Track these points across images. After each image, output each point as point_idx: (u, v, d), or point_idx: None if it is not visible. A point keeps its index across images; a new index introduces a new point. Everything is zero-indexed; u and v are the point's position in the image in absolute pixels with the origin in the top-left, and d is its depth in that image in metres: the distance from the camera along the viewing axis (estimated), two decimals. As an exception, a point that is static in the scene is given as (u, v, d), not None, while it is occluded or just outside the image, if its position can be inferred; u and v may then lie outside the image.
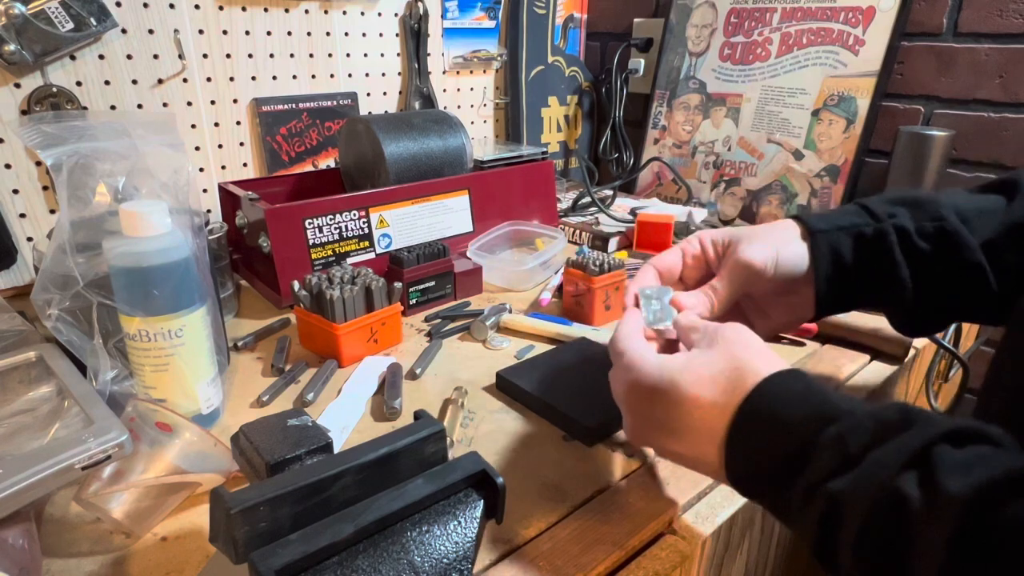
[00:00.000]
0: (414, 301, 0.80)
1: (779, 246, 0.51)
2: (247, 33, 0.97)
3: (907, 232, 0.50)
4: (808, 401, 0.37)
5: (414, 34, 1.14)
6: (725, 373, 0.40)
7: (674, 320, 0.48)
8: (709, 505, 0.49)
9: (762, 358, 0.40)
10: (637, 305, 0.50)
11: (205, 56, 0.94)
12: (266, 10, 0.98)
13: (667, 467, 0.52)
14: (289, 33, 1.01)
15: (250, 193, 0.82)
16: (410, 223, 0.88)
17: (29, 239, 0.84)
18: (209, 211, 0.93)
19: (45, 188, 0.85)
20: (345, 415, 0.58)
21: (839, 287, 0.52)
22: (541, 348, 0.71)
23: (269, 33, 0.99)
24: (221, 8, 0.93)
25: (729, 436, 0.38)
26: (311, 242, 0.80)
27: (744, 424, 0.38)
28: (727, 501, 0.49)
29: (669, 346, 0.49)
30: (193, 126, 0.95)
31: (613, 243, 1.02)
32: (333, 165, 1.10)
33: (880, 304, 0.55)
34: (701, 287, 0.53)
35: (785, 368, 0.39)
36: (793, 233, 0.52)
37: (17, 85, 0.80)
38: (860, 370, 0.68)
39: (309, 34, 1.03)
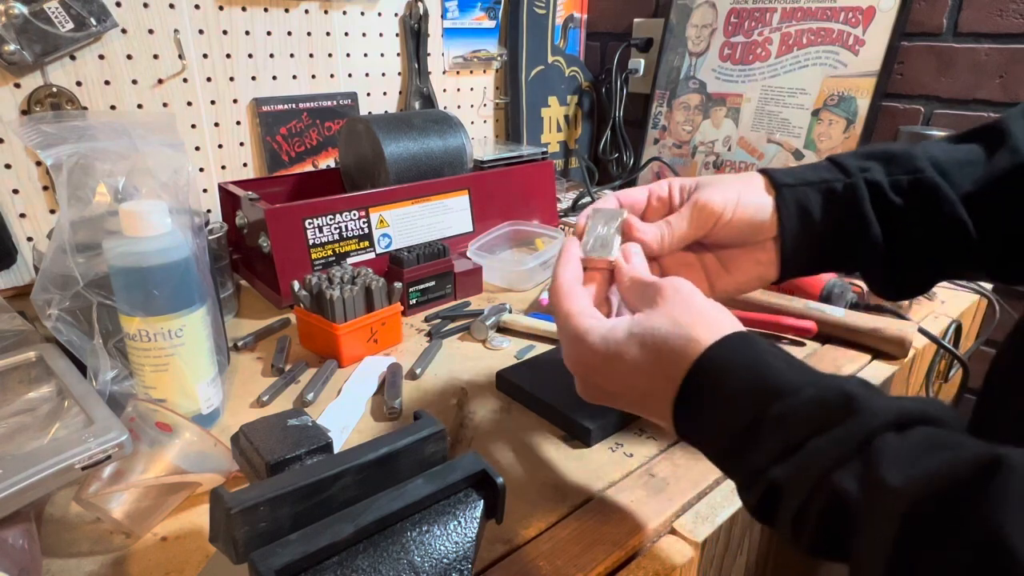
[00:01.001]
0: (414, 301, 0.80)
1: (741, 192, 0.49)
2: (247, 33, 0.97)
3: (880, 187, 0.47)
4: (753, 371, 0.36)
5: (414, 34, 1.14)
6: (668, 341, 0.38)
7: (617, 268, 0.45)
8: (709, 505, 0.49)
9: (704, 321, 0.38)
10: (582, 233, 0.48)
11: (205, 56, 0.94)
12: (266, 10, 0.98)
13: (667, 467, 0.52)
14: (289, 33, 1.01)
15: (250, 193, 0.82)
16: (410, 223, 0.88)
17: (29, 239, 0.84)
18: (209, 211, 0.93)
19: (45, 188, 0.85)
20: (345, 415, 0.58)
21: (807, 245, 0.49)
22: (541, 348, 0.71)
23: (269, 33, 0.99)
24: (221, 8, 0.93)
25: (676, 410, 0.38)
26: (311, 242, 0.80)
27: (690, 398, 0.37)
28: (727, 501, 0.49)
29: (608, 278, 0.46)
30: (193, 126, 0.95)
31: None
32: (333, 165, 1.10)
33: (853, 265, 0.51)
34: (657, 221, 0.51)
35: (728, 333, 0.38)
36: (758, 184, 0.50)
37: (17, 85, 0.80)
38: (860, 370, 0.68)
39: (309, 34, 1.03)
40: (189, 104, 0.94)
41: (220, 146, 0.99)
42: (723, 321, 0.39)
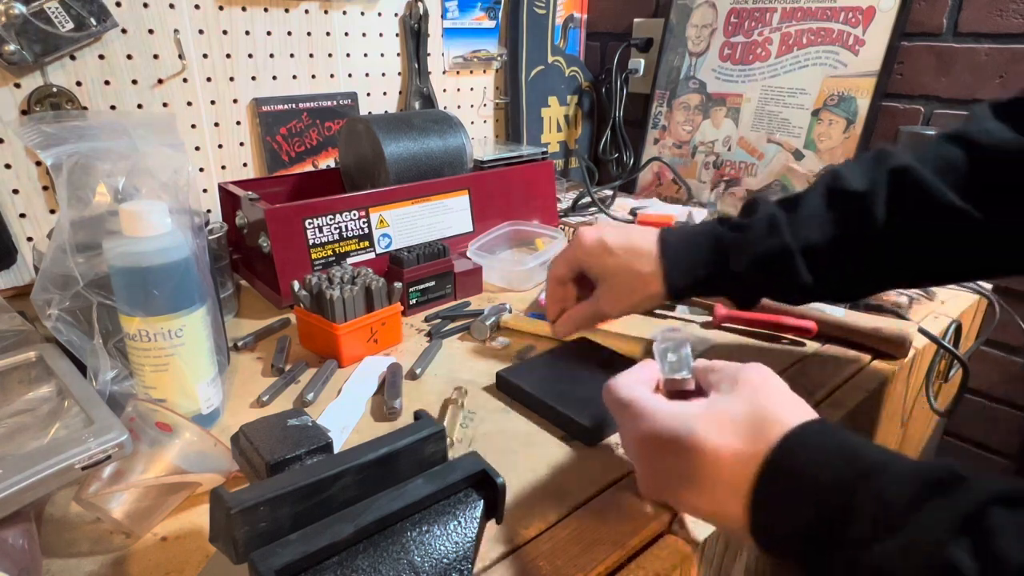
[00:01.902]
0: (414, 301, 0.80)
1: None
2: (247, 33, 0.97)
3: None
4: (842, 454, 0.34)
5: (414, 34, 1.14)
6: (749, 420, 0.37)
7: (691, 365, 0.45)
8: (709, 505, 0.49)
9: (788, 406, 0.38)
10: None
11: (205, 56, 0.94)
12: (266, 10, 0.98)
13: (667, 467, 0.52)
14: (289, 33, 1.01)
15: (250, 193, 0.82)
16: (410, 223, 0.88)
17: (29, 239, 0.84)
18: (209, 211, 0.93)
19: (45, 188, 0.85)
20: (345, 415, 0.58)
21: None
22: (541, 348, 0.71)
23: (269, 33, 0.99)
24: (221, 8, 0.93)
25: (755, 492, 0.36)
26: (311, 242, 0.80)
27: (772, 479, 0.35)
28: (727, 501, 0.49)
29: (680, 396, 0.46)
30: (193, 126, 0.95)
31: None
32: (333, 165, 1.10)
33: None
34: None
35: (814, 418, 0.37)
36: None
37: (17, 85, 0.80)
38: (860, 370, 0.68)
39: (309, 34, 1.03)
40: (189, 104, 0.94)
41: (220, 146, 0.99)
42: (805, 408, 0.39)
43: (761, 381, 0.39)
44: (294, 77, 1.03)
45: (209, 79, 0.95)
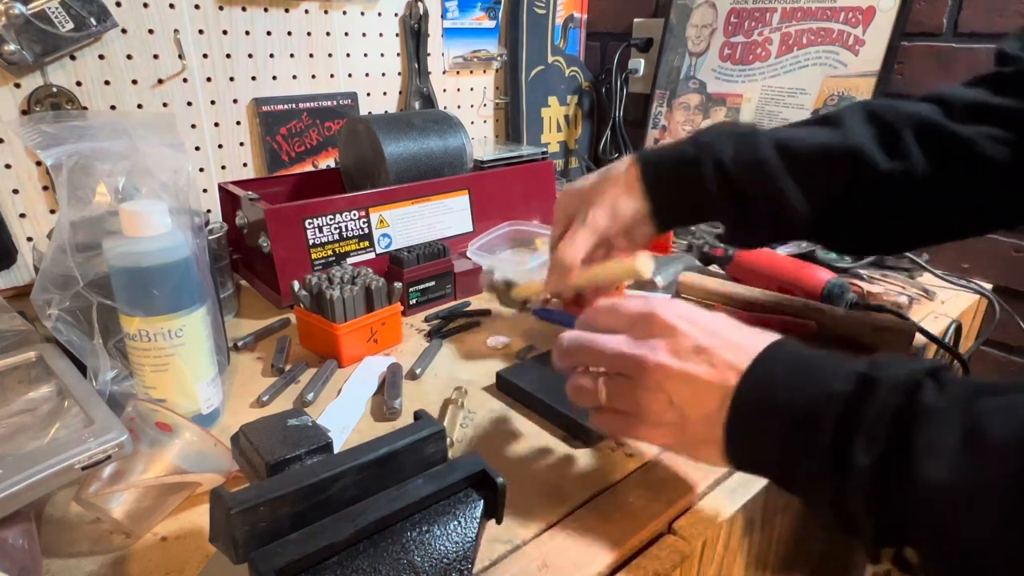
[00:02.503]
0: (414, 301, 0.80)
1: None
2: (247, 33, 0.97)
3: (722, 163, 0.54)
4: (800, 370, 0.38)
5: (414, 34, 1.14)
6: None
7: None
8: (709, 505, 0.49)
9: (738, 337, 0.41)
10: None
11: (205, 56, 0.94)
12: (266, 10, 0.98)
13: (667, 467, 0.52)
14: (289, 33, 1.01)
15: (250, 193, 0.82)
16: (410, 223, 0.88)
17: (29, 239, 0.84)
18: (209, 211, 0.93)
19: (45, 188, 0.85)
20: (345, 415, 0.58)
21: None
22: (541, 348, 0.71)
23: (269, 33, 0.99)
24: (221, 8, 0.93)
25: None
26: (311, 242, 0.80)
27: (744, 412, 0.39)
28: (727, 501, 0.49)
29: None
30: (193, 126, 0.95)
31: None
32: (333, 165, 1.10)
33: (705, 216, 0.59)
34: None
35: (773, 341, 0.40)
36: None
37: (17, 85, 0.80)
38: (860, 370, 0.68)
39: (309, 34, 1.03)
40: (189, 104, 0.94)
41: (220, 146, 0.99)
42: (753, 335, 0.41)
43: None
44: (294, 77, 1.03)
45: (209, 79, 0.95)
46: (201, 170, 0.98)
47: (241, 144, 1.01)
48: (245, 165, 1.02)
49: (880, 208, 0.55)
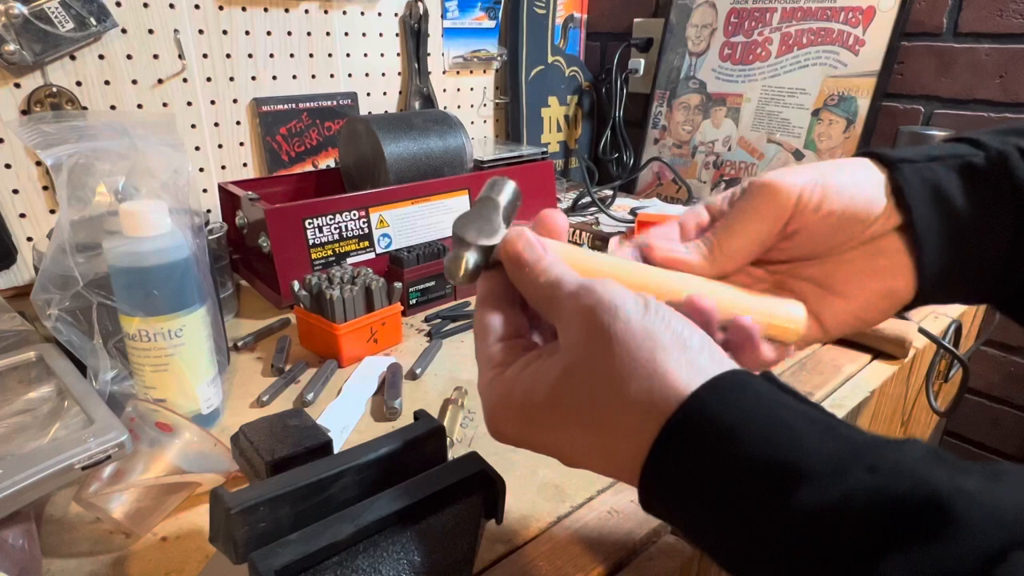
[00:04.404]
0: (414, 301, 0.80)
1: (826, 171, 0.34)
2: (247, 33, 0.97)
3: None
4: (763, 432, 0.25)
5: (414, 34, 1.14)
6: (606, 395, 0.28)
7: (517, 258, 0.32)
8: (709, 505, 0.49)
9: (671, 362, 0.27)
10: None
11: (205, 56, 0.94)
12: (266, 10, 0.98)
13: (667, 467, 0.52)
14: (289, 33, 1.01)
15: (250, 193, 0.82)
16: (410, 223, 0.88)
17: (29, 239, 0.84)
18: (209, 211, 0.93)
19: (45, 188, 0.85)
20: (345, 415, 0.58)
21: (952, 239, 0.34)
22: (541, 348, 0.71)
23: (269, 33, 0.99)
24: (221, 8, 0.93)
25: (644, 477, 0.28)
26: (311, 242, 0.80)
27: (662, 472, 0.27)
28: (727, 501, 0.49)
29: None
30: (193, 126, 0.95)
31: (613, 243, 1.02)
32: (333, 165, 1.10)
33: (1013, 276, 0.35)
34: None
35: (714, 375, 0.26)
36: (859, 162, 0.35)
37: (17, 85, 0.80)
38: (860, 370, 0.68)
39: (309, 34, 1.03)
40: (189, 104, 0.94)
41: (220, 146, 0.99)
42: (700, 356, 0.28)
43: (604, 320, 0.28)
44: (294, 77, 1.03)
45: (209, 79, 0.95)
46: (201, 170, 0.98)
47: (241, 144, 1.01)
48: (245, 165, 1.02)
49: None
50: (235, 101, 0.98)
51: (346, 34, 1.07)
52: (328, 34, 1.05)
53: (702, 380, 0.26)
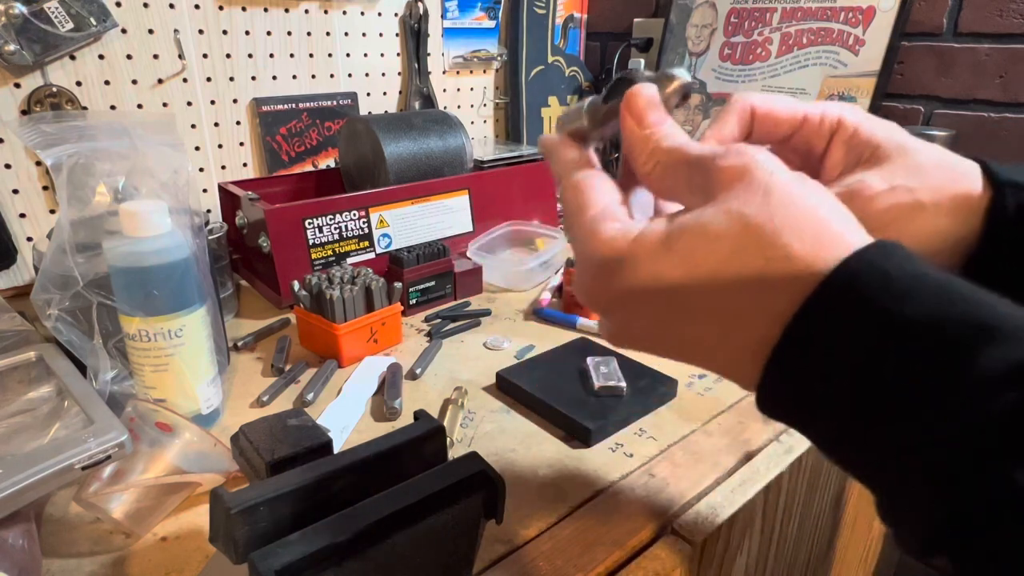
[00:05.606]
0: (414, 301, 0.80)
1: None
2: (247, 33, 0.97)
3: None
4: (936, 297, 0.23)
5: (414, 34, 1.14)
6: (750, 260, 0.25)
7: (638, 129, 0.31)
8: (709, 505, 0.49)
9: (817, 225, 0.25)
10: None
11: (205, 56, 0.94)
12: (266, 10, 0.98)
13: (667, 467, 0.52)
14: (289, 33, 1.01)
15: (250, 193, 0.82)
16: (410, 223, 0.88)
17: (29, 239, 0.84)
18: (209, 211, 0.93)
19: (45, 188, 0.85)
20: (345, 415, 0.58)
21: None
22: (541, 348, 0.71)
23: (269, 33, 0.99)
24: (221, 8, 0.93)
25: (770, 367, 0.26)
26: (311, 242, 0.80)
27: (800, 348, 0.25)
28: (727, 501, 0.49)
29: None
30: (193, 126, 0.95)
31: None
32: (333, 165, 1.10)
33: None
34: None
35: (860, 245, 0.25)
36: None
37: (17, 85, 0.80)
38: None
39: (309, 34, 1.03)
40: (189, 104, 0.94)
41: (220, 146, 0.99)
42: (844, 225, 0.26)
43: (766, 184, 0.26)
44: (294, 77, 1.03)
45: (209, 79, 0.95)
46: (201, 170, 0.98)
47: (241, 144, 1.01)
48: (245, 165, 1.02)
49: None
50: (235, 101, 0.98)
51: (346, 34, 1.07)
52: (328, 34, 1.05)
53: (865, 242, 0.25)
